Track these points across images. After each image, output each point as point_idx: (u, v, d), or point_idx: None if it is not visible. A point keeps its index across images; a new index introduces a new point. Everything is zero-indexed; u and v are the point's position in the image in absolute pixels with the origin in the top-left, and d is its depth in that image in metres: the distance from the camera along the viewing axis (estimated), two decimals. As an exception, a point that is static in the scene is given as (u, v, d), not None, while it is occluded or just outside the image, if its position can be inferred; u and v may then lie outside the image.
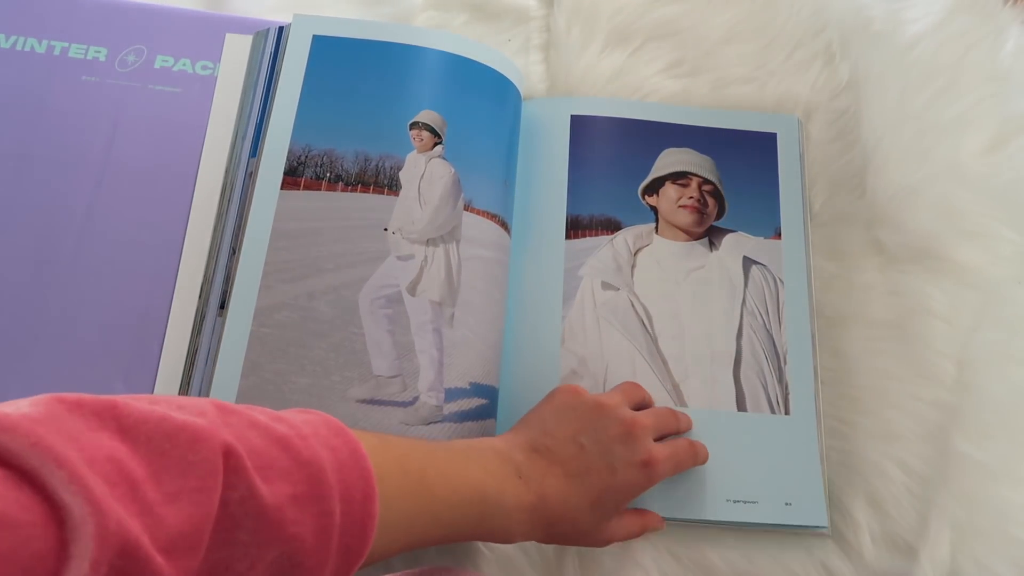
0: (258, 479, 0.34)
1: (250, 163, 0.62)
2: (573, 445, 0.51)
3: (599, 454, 0.51)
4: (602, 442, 0.51)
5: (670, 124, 0.69)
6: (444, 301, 0.59)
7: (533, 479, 0.49)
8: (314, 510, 0.35)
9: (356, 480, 0.38)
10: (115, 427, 0.32)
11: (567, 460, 0.50)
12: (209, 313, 0.59)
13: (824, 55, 0.72)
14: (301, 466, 0.36)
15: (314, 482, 0.36)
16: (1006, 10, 0.72)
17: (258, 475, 0.34)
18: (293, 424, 0.38)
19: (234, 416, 0.36)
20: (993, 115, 0.68)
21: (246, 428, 0.36)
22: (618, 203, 0.66)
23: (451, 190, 0.61)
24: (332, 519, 0.36)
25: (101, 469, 0.30)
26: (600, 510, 0.50)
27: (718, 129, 0.69)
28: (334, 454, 0.37)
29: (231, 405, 0.37)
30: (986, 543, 0.56)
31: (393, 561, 0.56)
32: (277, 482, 0.35)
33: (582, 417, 0.52)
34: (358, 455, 0.38)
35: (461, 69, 0.65)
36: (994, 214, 0.65)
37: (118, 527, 0.29)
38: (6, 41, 0.65)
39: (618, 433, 0.52)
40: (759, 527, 0.58)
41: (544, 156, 0.67)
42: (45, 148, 0.62)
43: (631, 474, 0.51)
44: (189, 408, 0.35)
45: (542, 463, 0.50)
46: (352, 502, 0.37)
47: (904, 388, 0.61)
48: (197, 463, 0.32)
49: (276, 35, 0.65)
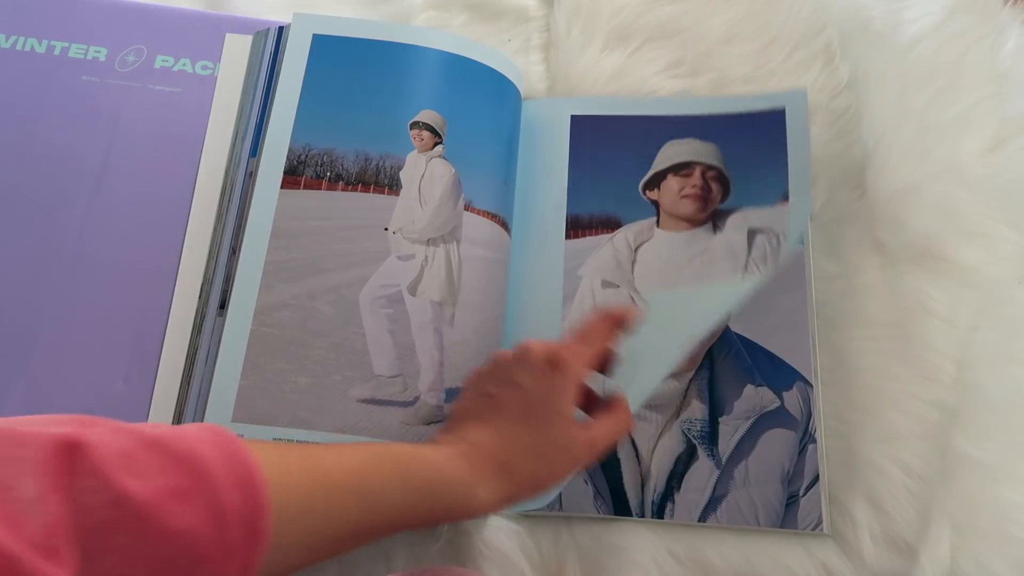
0: (127, 478, 0.34)
1: (250, 163, 0.62)
2: (479, 400, 0.51)
3: (504, 387, 0.50)
4: (502, 378, 0.51)
5: (672, 117, 0.69)
6: (444, 301, 0.59)
7: (452, 437, 0.49)
8: (200, 501, 0.35)
9: (240, 468, 0.37)
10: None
11: (479, 412, 0.50)
12: (209, 313, 0.59)
13: (824, 55, 0.72)
14: (177, 461, 0.36)
15: (195, 474, 0.36)
16: (1006, 10, 0.72)
17: (127, 474, 0.34)
18: (169, 427, 0.38)
19: (98, 426, 0.36)
20: (993, 115, 0.68)
21: (111, 434, 0.35)
22: (619, 201, 0.66)
23: (451, 190, 0.61)
24: (224, 507, 0.36)
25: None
26: (541, 427, 0.49)
27: (722, 116, 0.68)
28: (214, 447, 0.37)
29: (99, 418, 0.37)
30: (986, 543, 0.56)
31: (395, 561, 0.56)
32: (150, 478, 0.34)
33: (479, 379, 0.52)
34: (236, 447, 0.38)
35: (461, 69, 0.65)
36: (994, 214, 0.64)
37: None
38: (6, 41, 0.65)
39: (511, 361, 0.51)
40: (759, 528, 0.58)
41: (544, 156, 0.67)
42: (45, 148, 0.62)
43: (542, 381, 0.50)
44: (54, 422, 0.35)
45: (458, 428, 0.50)
46: (240, 487, 0.37)
47: (904, 388, 0.61)
48: (33, 468, 0.32)
49: (276, 35, 0.65)
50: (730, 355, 0.61)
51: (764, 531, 0.58)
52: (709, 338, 0.61)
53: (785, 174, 0.65)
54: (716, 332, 0.62)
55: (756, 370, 0.61)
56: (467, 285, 0.60)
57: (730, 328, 0.62)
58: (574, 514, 0.58)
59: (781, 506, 0.58)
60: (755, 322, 0.62)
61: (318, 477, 0.42)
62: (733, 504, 0.58)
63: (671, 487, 0.58)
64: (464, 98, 0.64)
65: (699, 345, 0.61)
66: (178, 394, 0.57)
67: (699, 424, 0.60)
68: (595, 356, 0.53)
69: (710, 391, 0.61)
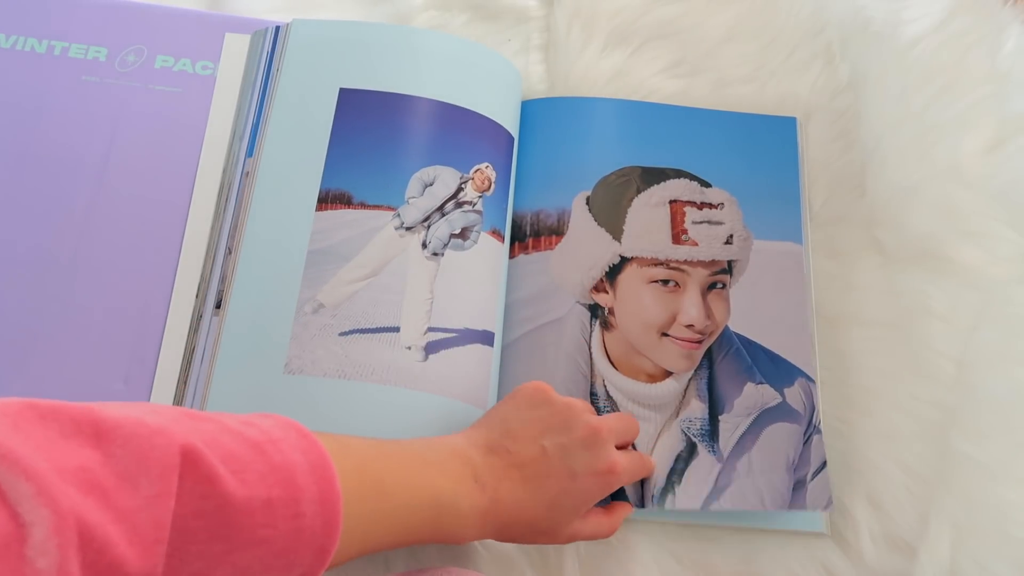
0: (234, 483, 0.34)
1: (247, 163, 0.62)
2: (534, 447, 0.50)
3: (560, 458, 0.50)
4: (565, 446, 0.50)
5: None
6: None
7: (489, 483, 0.48)
8: (287, 513, 0.36)
9: (323, 484, 0.38)
10: (91, 432, 0.32)
11: (526, 463, 0.49)
12: (206, 313, 0.59)
13: (824, 55, 0.72)
14: (275, 470, 0.36)
15: (287, 486, 0.36)
16: (1006, 10, 0.72)
17: (235, 479, 0.34)
18: (263, 429, 0.38)
19: (206, 423, 0.36)
20: (993, 115, 0.68)
21: (219, 433, 0.36)
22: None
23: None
24: (303, 521, 0.36)
25: (73, 479, 0.30)
26: (557, 513, 0.50)
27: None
28: (304, 457, 0.38)
29: (202, 412, 0.37)
30: (986, 543, 0.56)
31: (394, 561, 0.56)
32: (255, 486, 0.35)
33: (546, 419, 0.51)
34: (323, 459, 0.38)
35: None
36: (994, 214, 0.64)
37: (87, 534, 0.29)
38: (6, 41, 0.65)
39: (582, 438, 0.51)
40: (758, 528, 0.58)
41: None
42: (45, 148, 0.62)
43: (591, 481, 0.50)
44: (163, 413, 0.35)
45: (500, 465, 0.49)
46: (320, 504, 0.37)
47: (904, 388, 0.60)
48: (162, 467, 0.32)
49: (273, 35, 0.65)
50: (729, 354, 0.61)
51: (764, 531, 0.58)
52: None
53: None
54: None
55: (756, 368, 0.61)
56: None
57: (729, 327, 0.62)
58: (573, 514, 0.58)
59: (788, 491, 0.57)
60: (755, 321, 0.62)
61: (383, 513, 0.44)
62: (737, 491, 0.57)
63: (671, 482, 0.58)
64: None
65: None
66: (174, 394, 0.57)
67: (699, 423, 0.59)
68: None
69: (709, 390, 0.60)
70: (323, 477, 0.38)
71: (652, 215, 0.64)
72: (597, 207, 0.64)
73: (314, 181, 0.61)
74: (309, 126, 0.62)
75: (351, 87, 0.63)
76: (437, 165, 0.62)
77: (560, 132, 0.67)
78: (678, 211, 0.64)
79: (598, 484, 0.51)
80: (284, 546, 0.36)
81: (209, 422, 0.36)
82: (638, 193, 0.64)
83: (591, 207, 0.64)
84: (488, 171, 0.63)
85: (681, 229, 0.64)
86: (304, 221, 0.60)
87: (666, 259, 0.62)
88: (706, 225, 0.64)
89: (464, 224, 0.61)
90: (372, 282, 0.59)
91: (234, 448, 0.35)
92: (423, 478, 0.46)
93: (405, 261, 0.60)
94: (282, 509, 0.36)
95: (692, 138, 0.67)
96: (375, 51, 0.64)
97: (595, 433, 0.51)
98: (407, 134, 0.62)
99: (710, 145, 0.67)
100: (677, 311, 0.61)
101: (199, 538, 0.33)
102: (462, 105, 0.63)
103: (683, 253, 0.63)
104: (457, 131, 0.63)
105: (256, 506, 0.35)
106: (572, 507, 0.50)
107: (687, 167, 0.66)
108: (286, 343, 0.57)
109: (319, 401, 0.56)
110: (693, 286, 0.62)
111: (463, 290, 0.60)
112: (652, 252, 0.63)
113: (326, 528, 0.38)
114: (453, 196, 0.61)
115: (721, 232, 0.64)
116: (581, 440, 0.50)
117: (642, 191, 0.64)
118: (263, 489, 0.35)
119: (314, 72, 0.64)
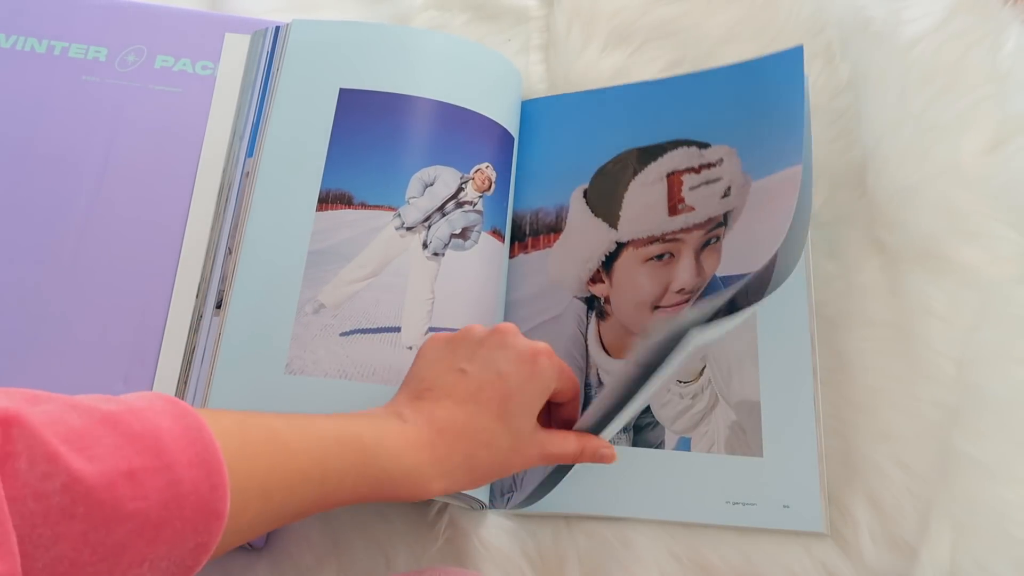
0: (79, 460, 0.32)
1: (247, 163, 0.62)
2: (452, 374, 0.48)
3: (481, 368, 0.48)
4: (479, 357, 0.49)
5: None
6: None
7: (420, 416, 0.47)
8: (158, 482, 0.34)
9: (199, 445, 0.36)
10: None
11: (452, 390, 0.48)
12: (206, 313, 0.59)
13: (824, 55, 0.72)
14: (134, 440, 0.34)
15: (153, 454, 0.34)
16: (1006, 10, 0.72)
17: (79, 456, 0.33)
18: (123, 400, 0.36)
19: (50, 403, 0.34)
20: (993, 115, 0.68)
21: (64, 411, 0.34)
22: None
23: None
24: (182, 488, 0.35)
25: None
26: (510, 420, 0.48)
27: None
28: (174, 422, 0.36)
29: (47, 393, 0.35)
30: (986, 543, 0.56)
31: (394, 561, 0.56)
32: (108, 459, 0.33)
33: (450, 349, 0.50)
34: (195, 420, 0.37)
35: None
36: (994, 214, 0.64)
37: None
38: (6, 41, 0.65)
39: (491, 342, 0.49)
40: (758, 528, 0.58)
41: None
42: (45, 148, 0.62)
43: (523, 370, 0.48)
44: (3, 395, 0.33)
45: (427, 403, 0.47)
46: (200, 467, 0.35)
47: (904, 388, 0.60)
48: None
49: (273, 35, 0.65)
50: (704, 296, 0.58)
51: (764, 531, 0.58)
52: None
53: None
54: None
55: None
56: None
57: (715, 275, 0.60)
58: (574, 514, 0.58)
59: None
60: (746, 257, 0.59)
61: (279, 463, 0.41)
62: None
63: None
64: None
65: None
66: (175, 394, 0.57)
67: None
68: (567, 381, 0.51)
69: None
70: (197, 439, 0.36)
71: (649, 193, 0.63)
72: (594, 198, 0.64)
73: (314, 181, 0.61)
74: (309, 126, 0.62)
75: (351, 87, 0.63)
76: (437, 165, 0.62)
77: (557, 129, 0.67)
78: (675, 182, 0.62)
79: (532, 371, 0.48)
80: (163, 516, 0.34)
81: (51, 402, 0.34)
82: (635, 176, 0.63)
83: (588, 200, 0.64)
84: (488, 171, 0.63)
85: (678, 199, 0.62)
86: (304, 221, 0.60)
87: (662, 234, 0.61)
88: (704, 186, 0.61)
89: (465, 224, 0.61)
90: (373, 282, 0.59)
91: (78, 425, 0.34)
92: (330, 422, 0.44)
93: (406, 261, 0.60)
94: (151, 479, 0.34)
95: (690, 105, 0.64)
96: (375, 51, 0.64)
97: (498, 332, 0.50)
98: (407, 134, 0.62)
99: (709, 105, 0.63)
100: (670, 281, 0.60)
101: (49, 520, 0.31)
102: (462, 105, 0.63)
103: (679, 222, 0.61)
104: (457, 131, 0.63)
105: (116, 479, 0.33)
106: (521, 409, 0.48)
107: (687, 135, 0.63)
108: (287, 343, 0.57)
109: (320, 402, 0.56)
110: (687, 252, 0.61)
111: (464, 290, 0.60)
112: (648, 231, 0.61)
113: (213, 491, 0.36)
114: (454, 196, 0.61)
115: (719, 188, 0.61)
116: (490, 343, 0.49)
117: (639, 172, 0.63)
118: (120, 461, 0.33)
119: (314, 72, 0.64)
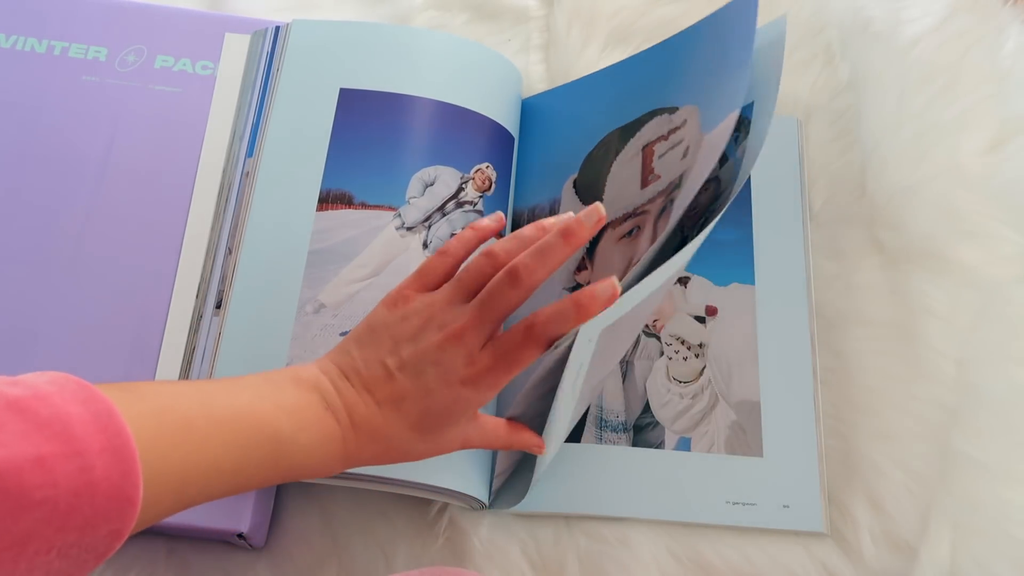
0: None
1: (247, 163, 0.62)
2: (381, 369, 0.46)
3: (410, 377, 0.45)
4: (413, 363, 0.45)
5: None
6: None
7: (342, 409, 0.45)
8: (69, 469, 0.33)
9: (110, 431, 0.35)
10: None
11: (375, 387, 0.45)
12: (206, 312, 0.59)
13: (824, 55, 0.72)
14: (43, 426, 0.33)
15: (63, 440, 0.33)
16: (1006, 10, 0.72)
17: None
18: (29, 384, 0.35)
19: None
20: (993, 115, 0.68)
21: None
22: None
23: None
24: (95, 474, 0.34)
25: None
26: (425, 432, 0.46)
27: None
28: (85, 407, 0.35)
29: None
30: (986, 543, 0.56)
31: (394, 561, 0.56)
32: (14, 446, 0.32)
33: (392, 334, 0.46)
34: (106, 406, 0.35)
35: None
36: (994, 214, 0.64)
37: None
38: (6, 41, 0.65)
39: (431, 346, 0.45)
40: (758, 528, 0.58)
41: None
42: (45, 148, 0.62)
43: (451, 394, 0.45)
44: None
45: (351, 391, 0.45)
46: (111, 453, 0.35)
47: (904, 388, 0.61)
48: None
49: (273, 35, 0.65)
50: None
51: (764, 531, 0.58)
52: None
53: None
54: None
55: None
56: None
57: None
58: (574, 514, 0.58)
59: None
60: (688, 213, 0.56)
61: (193, 454, 0.40)
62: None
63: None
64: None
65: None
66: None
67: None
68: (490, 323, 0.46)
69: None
70: (108, 425, 0.35)
71: (626, 170, 0.61)
72: (582, 186, 0.63)
73: (314, 181, 0.61)
74: (309, 126, 0.62)
75: (351, 87, 0.63)
76: (438, 165, 0.62)
77: (551, 123, 0.67)
78: (648, 153, 0.60)
79: (461, 394, 0.45)
80: (73, 504, 0.33)
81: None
82: (616, 156, 0.62)
83: (577, 189, 0.64)
84: (488, 171, 0.63)
85: (649, 170, 0.59)
86: (305, 221, 0.60)
87: (633, 208, 0.59)
88: (670, 151, 0.59)
89: (465, 224, 0.61)
90: (373, 282, 0.59)
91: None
92: (253, 412, 0.42)
93: (406, 261, 0.60)
94: (62, 465, 0.33)
95: (663, 72, 0.62)
96: (375, 51, 0.64)
97: (447, 337, 0.45)
98: (407, 134, 0.62)
99: (679, 68, 0.60)
100: (633, 255, 0.58)
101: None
102: (462, 105, 0.63)
103: (648, 193, 0.58)
104: (457, 131, 0.63)
105: (23, 466, 0.32)
106: (438, 423, 0.46)
107: (662, 103, 0.60)
108: (287, 343, 0.57)
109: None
110: (649, 222, 0.59)
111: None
112: (623, 208, 0.60)
113: (125, 478, 0.35)
114: (454, 196, 0.61)
115: (680, 149, 0.58)
116: (430, 348, 0.45)
117: (620, 152, 0.62)
118: (28, 448, 0.32)
119: (314, 72, 0.64)
